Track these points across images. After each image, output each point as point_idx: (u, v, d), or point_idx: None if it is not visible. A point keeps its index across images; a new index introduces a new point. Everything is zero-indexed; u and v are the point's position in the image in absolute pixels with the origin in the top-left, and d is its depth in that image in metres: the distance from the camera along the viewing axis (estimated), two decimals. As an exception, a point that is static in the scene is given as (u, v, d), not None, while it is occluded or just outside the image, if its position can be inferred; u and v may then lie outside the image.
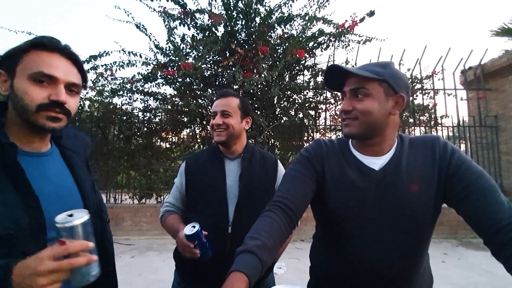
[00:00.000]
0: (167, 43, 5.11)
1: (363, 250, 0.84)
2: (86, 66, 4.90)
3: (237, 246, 0.75)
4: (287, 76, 5.62)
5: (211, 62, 5.43)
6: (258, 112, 5.18)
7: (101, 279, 0.69)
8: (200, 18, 5.17)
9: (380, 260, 0.83)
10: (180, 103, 5.69)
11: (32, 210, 0.65)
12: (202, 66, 4.94)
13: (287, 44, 5.04)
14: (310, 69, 5.67)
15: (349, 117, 0.83)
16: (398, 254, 0.83)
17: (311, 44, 5.34)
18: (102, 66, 5.13)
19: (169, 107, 5.86)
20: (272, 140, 5.91)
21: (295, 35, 5.23)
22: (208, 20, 5.05)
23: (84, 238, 0.60)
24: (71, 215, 0.61)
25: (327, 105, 6.19)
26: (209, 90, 5.29)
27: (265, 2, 5.10)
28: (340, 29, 5.12)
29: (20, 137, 0.72)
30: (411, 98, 6.11)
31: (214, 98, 1.32)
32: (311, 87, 5.78)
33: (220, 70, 5.35)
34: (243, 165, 1.25)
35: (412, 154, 0.86)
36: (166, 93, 5.85)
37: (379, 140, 0.86)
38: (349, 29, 5.11)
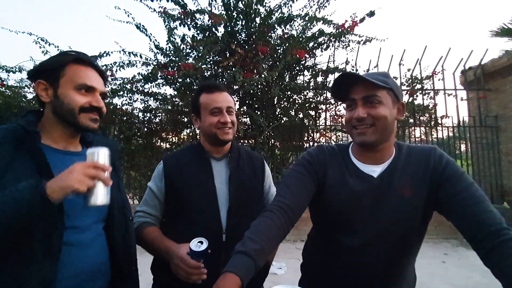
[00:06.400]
0: (167, 44, 5.11)
1: (355, 253, 0.87)
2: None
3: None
4: (287, 76, 5.61)
5: (211, 62, 5.43)
6: (258, 112, 5.18)
7: (124, 276, 0.89)
8: (200, 18, 5.18)
9: (370, 261, 0.86)
10: (180, 103, 5.69)
11: None
12: (202, 66, 4.94)
13: (287, 44, 5.05)
14: (310, 69, 5.66)
15: (363, 123, 0.84)
16: (389, 256, 0.86)
17: (311, 44, 5.34)
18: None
19: (169, 107, 5.86)
20: (272, 140, 5.90)
21: (295, 35, 5.23)
22: (208, 20, 5.05)
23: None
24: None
25: (327, 105, 6.19)
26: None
27: (265, 2, 5.10)
28: (340, 29, 5.12)
29: (54, 138, 0.85)
30: (411, 98, 6.22)
31: (202, 91, 1.18)
32: (311, 87, 5.78)
33: (220, 70, 5.35)
34: (231, 166, 1.15)
35: (408, 162, 0.89)
36: (166, 94, 5.85)
37: (384, 146, 0.89)
38: (349, 29, 5.11)
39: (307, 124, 5.91)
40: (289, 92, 5.53)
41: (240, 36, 5.31)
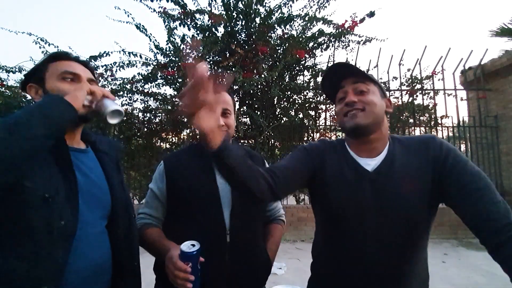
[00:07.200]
0: (167, 44, 5.12)
1: (359, 249, 0.86)
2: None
3: (236, 258, 0.67)
4: (287, 76, 5.62)
5: (211, 62, 5.43)
6: (258, 112, 5.18)
7: (127, 273, 0.90)
8: (200, 18, 5.19)
9: (376, 259, 0.84)
10: (180, 103, 5.69)
11: (69, 180, 0.78)
12: (202, 66, 4.94)
13: (287, 44, 5.06)
14: (310, 69, 5.67)
15: (355, 108, 0.87)
16: (394, 252, 0.84)
17: (311, 44, 5.35)
18: (102, 66, 5.12)
19: (169, 107, 5.86)
20: (272, 140, 5.91)
21: (295, 36, 5.24)
22: (208, 20, 5.06)
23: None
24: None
25: (327, 105, 6.20)
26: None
27: (265, 3, 5.11)
28: (340, 30, 5.13)
29: None
30: (411, 98, 6.22)
31: None
32: (311, 87, 5.79)
33: (220, 70, 5.36)
34: None
35: (406, 154, 0.87)
36: (166, 94, 5.86)
37: (376, 137, 0.88)
38: (349, 29, 5.12)
39: (307, 124, 5.91)
40: (289, 92, 5.54)
41: (240, 36, 5.32)
